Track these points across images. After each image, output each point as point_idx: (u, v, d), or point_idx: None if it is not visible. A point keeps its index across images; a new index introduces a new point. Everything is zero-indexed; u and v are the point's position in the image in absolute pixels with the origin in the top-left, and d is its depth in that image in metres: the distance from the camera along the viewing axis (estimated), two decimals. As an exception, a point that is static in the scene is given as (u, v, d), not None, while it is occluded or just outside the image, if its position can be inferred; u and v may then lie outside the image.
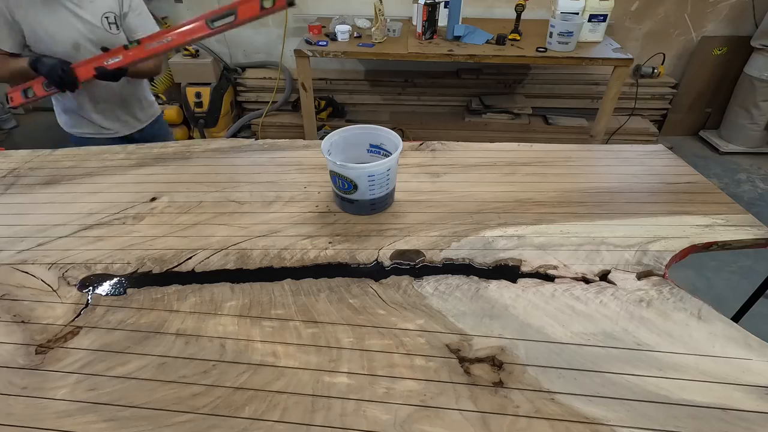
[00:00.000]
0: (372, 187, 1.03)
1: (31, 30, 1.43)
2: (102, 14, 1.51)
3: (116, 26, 1.55)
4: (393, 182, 1.09)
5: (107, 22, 1.52)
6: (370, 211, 1.09)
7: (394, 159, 1.03)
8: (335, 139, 1.12)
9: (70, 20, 1.46)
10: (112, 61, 1.41)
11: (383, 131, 1.13)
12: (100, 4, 1.51)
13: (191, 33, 1.38)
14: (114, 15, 1.54)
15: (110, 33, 1.53)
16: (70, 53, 1.49)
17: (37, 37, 1.45)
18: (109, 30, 1.53)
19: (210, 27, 1.34)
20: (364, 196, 1.05)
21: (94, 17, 1.50)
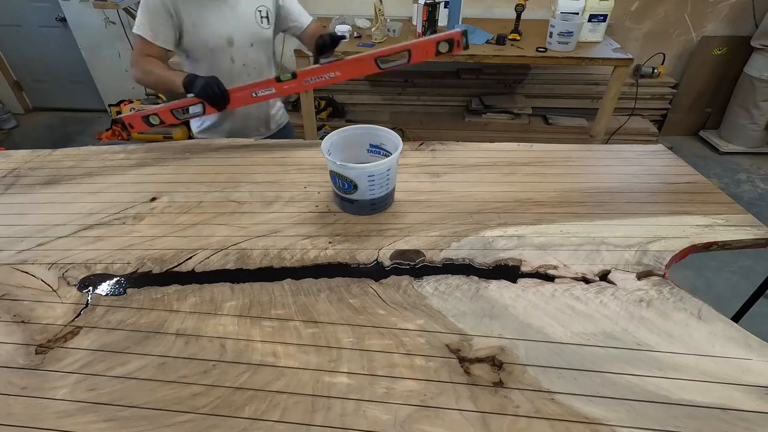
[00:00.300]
0: (372, 187, 1.03)
1: (191, 24, 1.37)
2: (256, 7, 1.44)
3: (267, 20, 1.48)
4: (393, 182, 1.09)
5: (260, 15, 1.45)
6: (370, 211, 1.09)
7: (394, 159, 1.03)
8: (335, 139, 1.12)
9: (228, 14, 1.40)
10: (262, 93, 1.30)
11: (383, 131, 1.13)
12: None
13: (358, 71, 1.27)
14: (266, 9, 1.47)
15: (261, 27, 1.47)
16: (224, 48, 1.43)
17: (195, 31, 1.39)
18: (261, 24, 1.46)
19: (379, 67, 1.24)
20: (364, 196, 1.05)
21: (248, 10, 1.43)
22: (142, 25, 1.34)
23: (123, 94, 3.72)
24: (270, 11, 1.48)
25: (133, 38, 1.39)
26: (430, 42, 1.20)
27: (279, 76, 1.27)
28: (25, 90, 4.07)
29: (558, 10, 2.59)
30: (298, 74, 1.26)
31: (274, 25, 1.52)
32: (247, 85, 1.30)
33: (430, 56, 1.22)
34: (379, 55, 1.22)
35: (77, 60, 3.71)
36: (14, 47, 3.81)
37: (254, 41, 1.47)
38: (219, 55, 1.44)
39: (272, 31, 1.52)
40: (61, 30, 3.62)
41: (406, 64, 1.23)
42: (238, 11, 1.41)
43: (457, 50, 1.21)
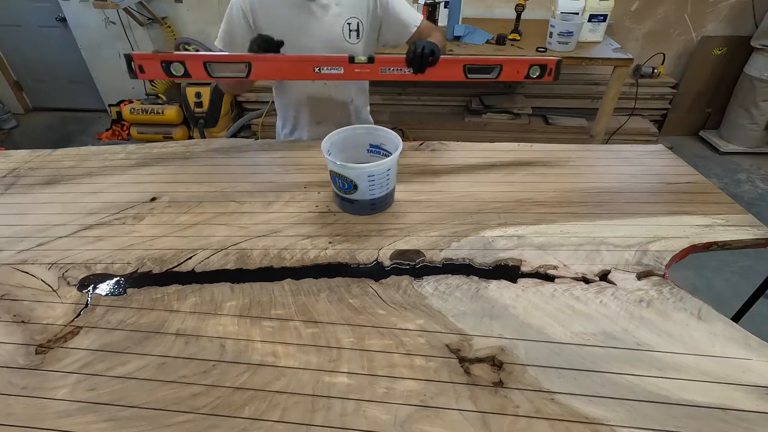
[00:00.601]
0: (372, 187, 1.03)
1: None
2: (345, 20, 1.30)
3: (357, 35, 1.32)
4: (393, 182, 1.09)
5: (348, 29, 1.31)
6: (370, 211, 1.09)
7: (394, 159, 1.03)
8: (335, 139, 1.12)
9: (312, 27, 1.29)
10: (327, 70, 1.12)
11: (383, 131, 1.13)
12: (348, 6, 1.29)
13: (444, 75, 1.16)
14: (358, 21, 1.31)
15: (348, 42, 1.32)
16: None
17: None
18: (347, 39, 1.31)
19: (466, 76, 1.15)
20: (364, 196, 1.05)
21: (336, 23, 1.30)
22: (220, 36, 1.30)
23: (123, 94, 3.72)
24: (362, 24, 1.32)
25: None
26: (523, 62, 1.14)
27: (353, 57, 1.11)
28: (25, 90, 4.07)
29: (558, 10, 2.59)
30: (376, 60, 1.11)
31: (368, 38, 1.36)
32: (312, 56, 1.14)
33: (520, 77, 1.16)
34: (469, 62, 1.13)
35: (77, 60, 3.70)
36: (14, 47, 3.81)
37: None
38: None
39: (362, 46, 1.36)
40: (61, 30, 3.62)
41: (494, 79, 1.15)
42: (325, 24, 1.29)
43: (547, 78, 1.15)
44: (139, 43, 3.54)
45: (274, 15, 1.27)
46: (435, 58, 1.12)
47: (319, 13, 1.28)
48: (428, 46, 1.11)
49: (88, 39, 3.58)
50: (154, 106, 3.34)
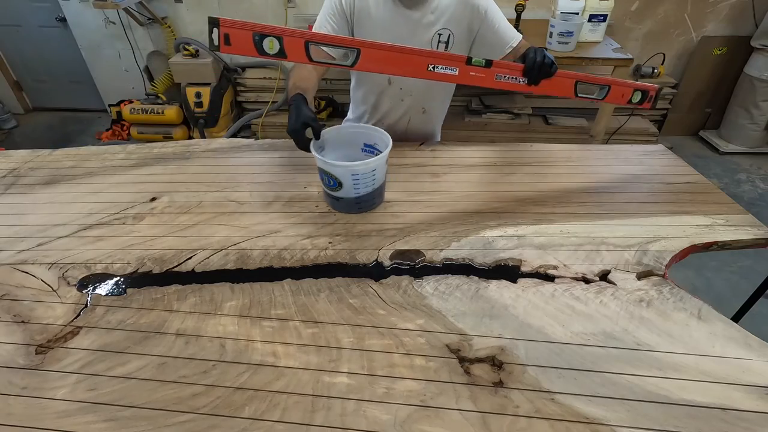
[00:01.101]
0: (357, 186, 1.04)
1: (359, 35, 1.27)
2: (436, 30, 1.25)
3: (445, 46, 1.28)
4: (380, 181, 1.09)
5: (438, 39, 1.26)
6: (357, 209, 1.09)
7: (381, 160, 1.03)
8: (329, 136, 1.12)
9: (401, 32, 1.24)
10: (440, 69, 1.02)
11: (377, 131, 1.13)
12: (443, 15, 1.24)
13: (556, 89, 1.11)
14: (449, 33, 1.25)
15: None
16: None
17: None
18: (435, 49, 1.27)
19: (576, 93, 1.12)
20: (348, 193, 1.05)
21: (426, 33, 1.25)
22: (317, 26, 1.27)
23: (123, 94, 3.72)
24: (453, 36, 1.26)
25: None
26: (629, 85, 1.13)
27: (471, 57, 1.03)
28: (25, 90, 4.07)
29: (558, 10, 2.59)
30: (493, 64, 1.04)
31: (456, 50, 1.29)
32: (429, 50, 1.04)
33: (623, 102, 1.15)
34: (582, 78, 1.10)
35: (77, 60, 3.71)
36: (14, 47, 3.81)
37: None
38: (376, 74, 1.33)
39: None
40: (61, 30, 3.62)
41: (600, 100, 1.14)
42: (416, 32, 1.24)
43: (645, 105, 1.14)
44: (139, 43, 3.54)
45: (370, 12, 1.24)
46: (553, 70, 1.07)
47: (412, 20, 1.24)
48: (549, 57, 1.06)
49: (88, 39, 3.58)
50: (154, 106, 3.34)
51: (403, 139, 1.50)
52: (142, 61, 3.63)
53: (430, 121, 1.53)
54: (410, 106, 1.43)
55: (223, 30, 0.87)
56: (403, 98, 1.41)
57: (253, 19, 0.96)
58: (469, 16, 1.25)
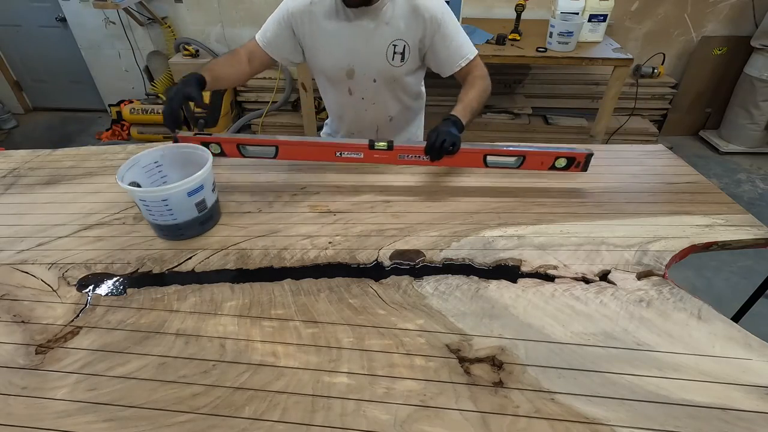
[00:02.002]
0: (151, 215, 0.98)
1: (312, 47, 1.26)
2: (390, 42, 1.22)
3: (402, 57, 1.25)
4: (184, 212, 0.98)
5: (392, 51, 1.23)
6: (166, 236, 1.02)
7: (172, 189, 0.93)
8: (166, 153, 1.10)
9: (356, 44, 1.23)
10: (348, 154, 1.14)
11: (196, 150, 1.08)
12: (396, 27, 1.21)
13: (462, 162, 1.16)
14: (404, 45, 1.23)
15: (390, 64, 1.25)
16: (342, 78, 1.30)
17: (314, 55, 1.28)
18: (391, 61, 1.24)
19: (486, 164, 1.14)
20: (149, 219, 1.00)
21: (381, 44, 1.23)
22: (263, 27, 1.27)
23: (123, 94, 3.72)
24: (408, 47, 1.24)
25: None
26: (549, 154, 1.11)
27: (373, 142, 1.13)
28: (25, 90, 4.07)
29: (558, 10, 2.59)
30: (395, 147, 1.12)
31: (413, 62, 1.29)
32: (334, 142, 1.15)
33: (544, 168, 1.13)
34: (490, 152, 1.12)
35: (77, 60, 3.71)
36: (14, 47, 3.81)
37: (378, 77, 1.29)
38: (336, 84, 1.34)
39: (406, 69, 1.29)
40: (61, 30, 3.62)
41: (516, 168, 1.14)
42: (371, 43, 1.22)
43: (574, 170, 1.12)
44: (139, 43, 3.54)
45: (321, 25, 1.23)
46: (455, 149, 1.07)
47: (366, 31, 1.21)
48: (449, 139, 1.06)
49: (88, 39, 3.58)
50: (154, 106, 3.34)
51: None
52: (142, 61, 3.63)
53: (401, 128, 1.51)
54: (375, 115, 1.41)
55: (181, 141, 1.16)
56: (367, 108, 1.39)
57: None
58: (421, 28, 1.21)
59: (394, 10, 1.20)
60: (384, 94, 1.35)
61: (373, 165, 1.32)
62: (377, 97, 1.36)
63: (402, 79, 1.32)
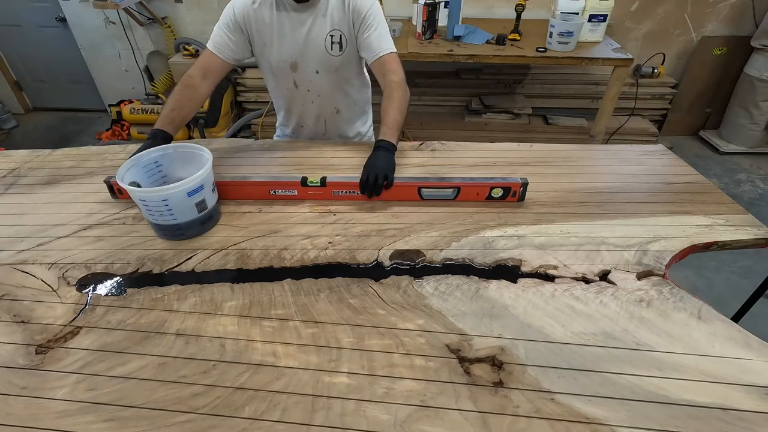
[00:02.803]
0: (151, 215, 0.98)
1: (261, 44, 1.32)
2: (328, 32, 1.30)
3: (339, 47, 1.32)
4: (184, 212, 0.98)
5: (330, 41, 1.31)
6: (165, 236, 1.02)
7: (172, 189, 0.93)
8: (169, 152, 1.10)
9: (298, 38, 1.30)
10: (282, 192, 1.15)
11: (198, 149, 1.07)
12: (331, 19, 1.29)
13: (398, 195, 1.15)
14: (341, 34, 1.30)
15: (329, 54, 1.32)
16: (287, 71, 1.37)
17: (262, 51, 1.34)
18: (329, 50, 1.32)
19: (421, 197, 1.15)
20: (149, 219, 1.00)
21: (320, 35, 1.30)
22: (212, 36, 1.32)
23: (123, 94, 3.72)
24: (345, 37, 1.31)
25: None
26: (483, 185, 1.13)
27: (306, 179, 1.14)
28: (25, 90, 4.07)
29: (558, 10, 2.59)
30: (328, 183, 1.13)
31: (351, 52, 1.35)
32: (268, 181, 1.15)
33: (481, 198, 1.14)
34: (424, 186, 1.13)
35: (77, 60, 3.71)
36: (14, 47, 3.81)
37: (320, 68, 1.36)
38: (282, 77, 1.40)
39: (345, 59, 1.36)
40: (61, 30, 3.62)
41: (452, 200, 1.14)
42: (311, 35, 1.30)
43: (511, 199, 1.13)
44: (139, 43, 3.54)
45: (266, 22, 1.29)
46: (388, 183, 1.12)
47: (306, 25, 1.29)
48: (381, 175, 1.11)
49: (88, 39, 3.58)
50: (154, 106, 3.34)
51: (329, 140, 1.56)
52: (142, 61, 3.63)
53: (349, 120, 1.55)
54: (321, 107, 1.46)
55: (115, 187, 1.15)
56: (313, 100, 1.45)
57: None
58: (350, 17, 1.30)
59: (329, 2, 1.29)
60: (327, 86, 1.41)
61: (373, 165, 1.32)
62: (321, 89, 1.42)
63: (343, 69, 1.39)
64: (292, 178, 1.14)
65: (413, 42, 2.72)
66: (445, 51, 2.57)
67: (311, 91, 1.42)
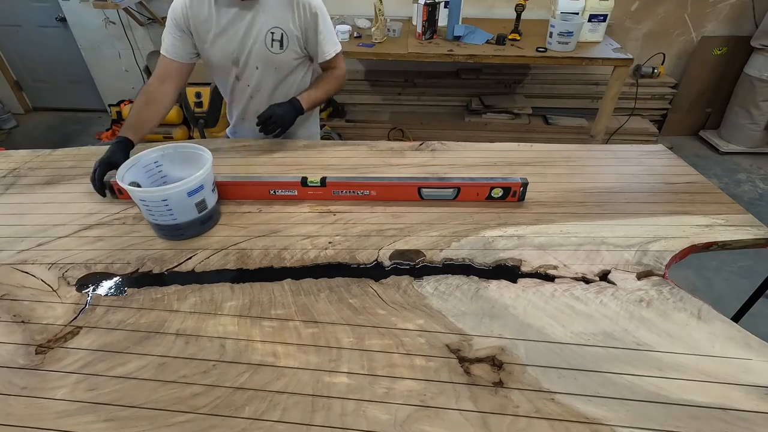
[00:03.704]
0: (151, 215, 0.98)
1: (201, 41, 1.33)
2: (268, 29, 1.30)
3: (280, 45, 1.33)
4: (184, 212, 0.98)
5: (271, 38, 1.31)
6: (165, 236, 1.02)
7: (172, 189, 0.93)
8: (169, 152, 1.10)
9: (240, 34, 1.31)
10: (282, 192, 1.15)
11: (198, 149, 1.07)
12: (272, 16, 1.30)
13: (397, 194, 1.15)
14: (282, 32, 1.31)
15: (270, 51, 1.33)
16: (228, 67, 1.38)
17: (205, 48, 1.34)
18: (270, 47, 1.33)
19: (421, 196, 1.14)
20: (149, 219, 1.01)
21: (261, 32, 1.30)
22: (162, 40, 1.34)
23: (123, 94, 3.72)
24: (286, 35, 1.32)
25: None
26: (483, 185, 1.12)
27: (306, 179, 1.14)
28: (25, 90, 4.07)
29: (558, 10, 2.59)
30: (328, 183, 1.13)
31: (292, 50, 1.36)
32: (264, 181, 1.15)
33: (481, 198, 1.14)
34: (424, 186, 1.13)
35: (77, 60, 3.71)
36: (14, 47, 3.81)
37: (261, 64, 1.37)
38: (223, 72, 1.41)
39: (286, 57, 1.37)
40: (61, 30, 3.62)
41: (452, 200, 1.14)
42: (251, 32, 1.31)
43: (511, 199, 1.13)
44: (139, 43, 3.54)
45: (203, 17, 1.30)
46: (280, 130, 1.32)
47: (245, 21, 1.30)
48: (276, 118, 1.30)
49: (88, 39, 3.58)
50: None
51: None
52: (142, 61, 3.63)
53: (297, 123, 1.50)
54: (260, 102, 1.45)
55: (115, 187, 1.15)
56: (252, 95, 1.46)
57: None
58: (299, 16, 1.31)
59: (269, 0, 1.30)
60: (268, 82, 1.42)
61: (372, 165, 1.32)
62: (262, 85, 1.43)
63: (284, 66, 1.40)
64: (292, 178, 1.14)
65: (413, 42, 2.72)
66: (445, 51, 2.57)
67: (251, 86, 1.43)
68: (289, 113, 1.33)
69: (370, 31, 2.78)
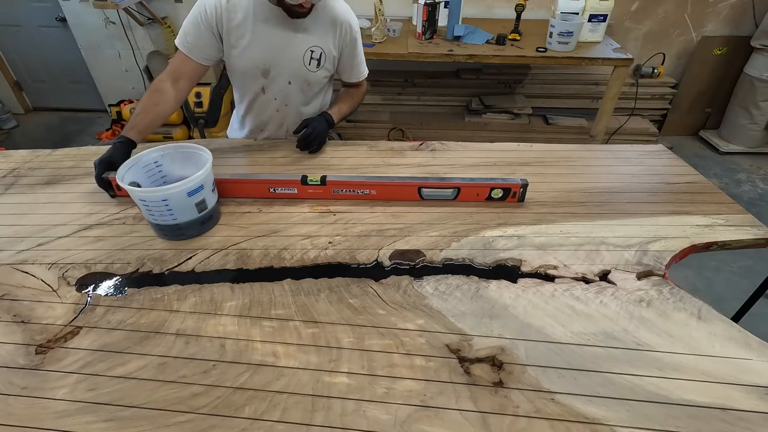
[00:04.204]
0: (151, 215, 0.98)
1: (230, 46, 1.29)
2: (308, 47, 1.31)
3: (318, 63, 1.35)
4: (184, 212, 0.98)
5: (309, 56, 1.32)
6: (165, 236, 1.02)
7: (172, 189, 0.93)
8: (168, 152, 1.09)
9: (275, 45, 1.29)
10: (281, 190, 1.15)
11: (197, 149, 1.07)
12: (314, 34, 1.30)
13: (398, 194, 1.14)
14: (321, 51, 1.33)
15: (307, 68, 1.34)
16: (257, 77, 1.36)
17: (233, 54, 1.31)
18: (307, 65, 1.34)
19: (421, 196, 1.14)
20: (149, 219, 1.00)
21: (299, 48, 1.31)
22: (181, 36, 1.27)
23: (123, 94, 3.72)
24: (325, 55, 1.35)
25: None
26: (483, 186, 1.12)
27: (306, 178, 1.14)
28: (25, 90, 4.06)
29: (558, 10, 2.59)
30: (328, 182, 1.13)
31: (326, 69, 1.38)
32: (269, 179, 1.16)
33: (481, 199, 1.14)
34: (424, 186, 1.13)
35: (77, 60, 3.70)
36: (14, 47, 3.81)
37: (294, 79, 1.37)
38: (250, 81, 1.38)
39: (322, 76, 1.39)
40: (61, 30, 3.62)
41: (452, 200, 1.14)
42: (291, 47, 1.30)
43: (511, 200, 1.13)
44: (139, 43, 3.54)
45: (239, 23, 1.25)
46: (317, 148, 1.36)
47: (286, 35, 1.28)
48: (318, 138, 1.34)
49: (88, 39, 3.58)
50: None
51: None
52: (142, 61, 3.63)
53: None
54: (285, 115, 1.46)
55: (113, 183, 1.13)
56: (278, 108, 1.45)
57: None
58: (340, 37, 1.34)
59: (315, 18, 1.29)
60: (296, 97, 1.43)
61: (372, 165, 1.32)
62: (289, 99, 1.42)
63: (315, 83, 1.42)
64: (293, 177, 1.14)
65: (413, 42, 2.72)
66: (445, 51, 2.57)
67: (278, 100, 1.42)
68: (325, 128, 1.36)
69: (370, 31, 2.78)
